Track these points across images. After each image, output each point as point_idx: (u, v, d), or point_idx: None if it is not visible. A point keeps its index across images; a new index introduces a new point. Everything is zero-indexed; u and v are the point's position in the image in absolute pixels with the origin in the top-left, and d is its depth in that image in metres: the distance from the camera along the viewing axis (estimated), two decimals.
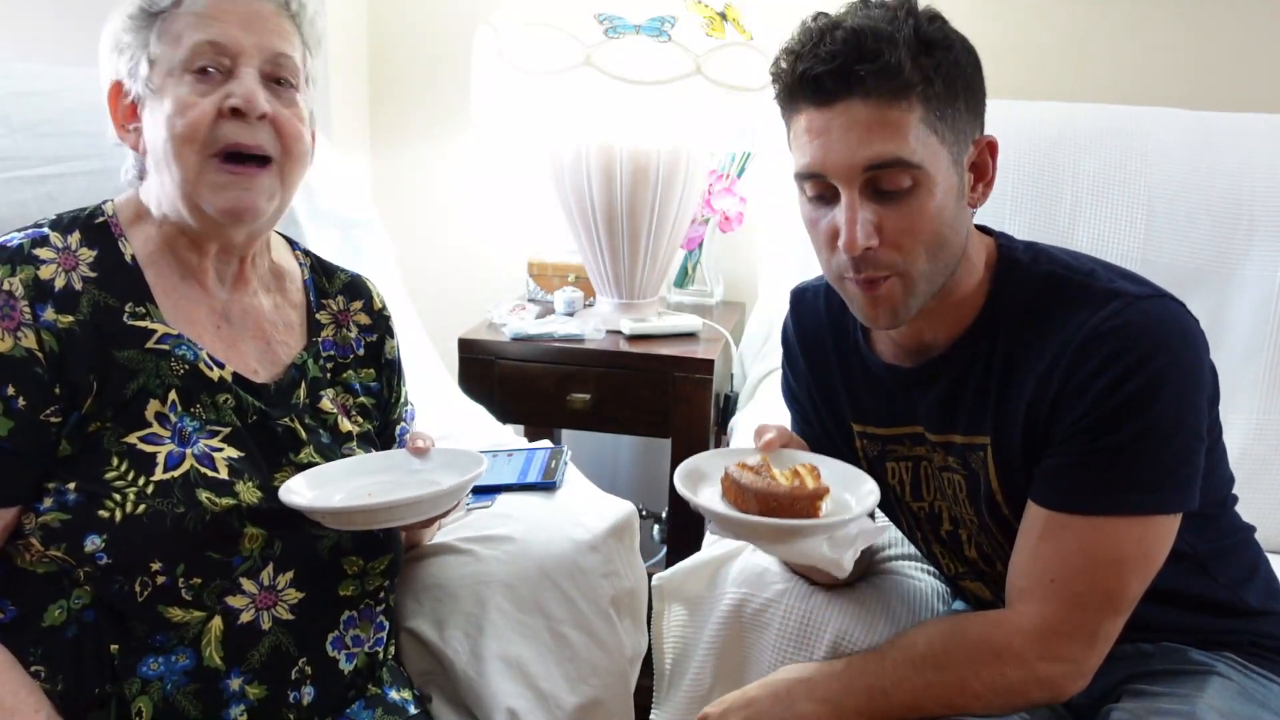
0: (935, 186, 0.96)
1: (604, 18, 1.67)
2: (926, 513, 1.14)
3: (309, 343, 1.12)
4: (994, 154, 1.03)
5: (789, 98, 0.99)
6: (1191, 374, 0.97)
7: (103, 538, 0.93)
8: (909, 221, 0.96)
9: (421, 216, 2.28)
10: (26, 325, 0.93)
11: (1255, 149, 1.65)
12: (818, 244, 1.02)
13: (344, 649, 1.04)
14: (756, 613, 1.17)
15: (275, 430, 1.04)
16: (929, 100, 0.94)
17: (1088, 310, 0.97)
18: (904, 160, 0.94)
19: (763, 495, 0.96)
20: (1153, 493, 0.96)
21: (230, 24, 0.97)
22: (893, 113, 0.93)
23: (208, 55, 0.96)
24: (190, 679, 0.96)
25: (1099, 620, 0.98)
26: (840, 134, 0.94)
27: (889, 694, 1.01)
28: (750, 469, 1.00)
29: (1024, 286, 1.03)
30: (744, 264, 2.18)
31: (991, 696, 0.99)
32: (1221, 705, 0.98)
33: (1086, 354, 0.96)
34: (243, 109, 0.96)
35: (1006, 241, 1.08)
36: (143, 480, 0.95)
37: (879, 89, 0.93)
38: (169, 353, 0.99)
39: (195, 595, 0.96)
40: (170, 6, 0.97)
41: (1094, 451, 0.96)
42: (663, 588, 1.29)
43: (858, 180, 0.95)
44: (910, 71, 0.93)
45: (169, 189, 0.99)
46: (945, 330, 1.06)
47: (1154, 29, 1.96)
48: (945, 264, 1.00)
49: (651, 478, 2.31)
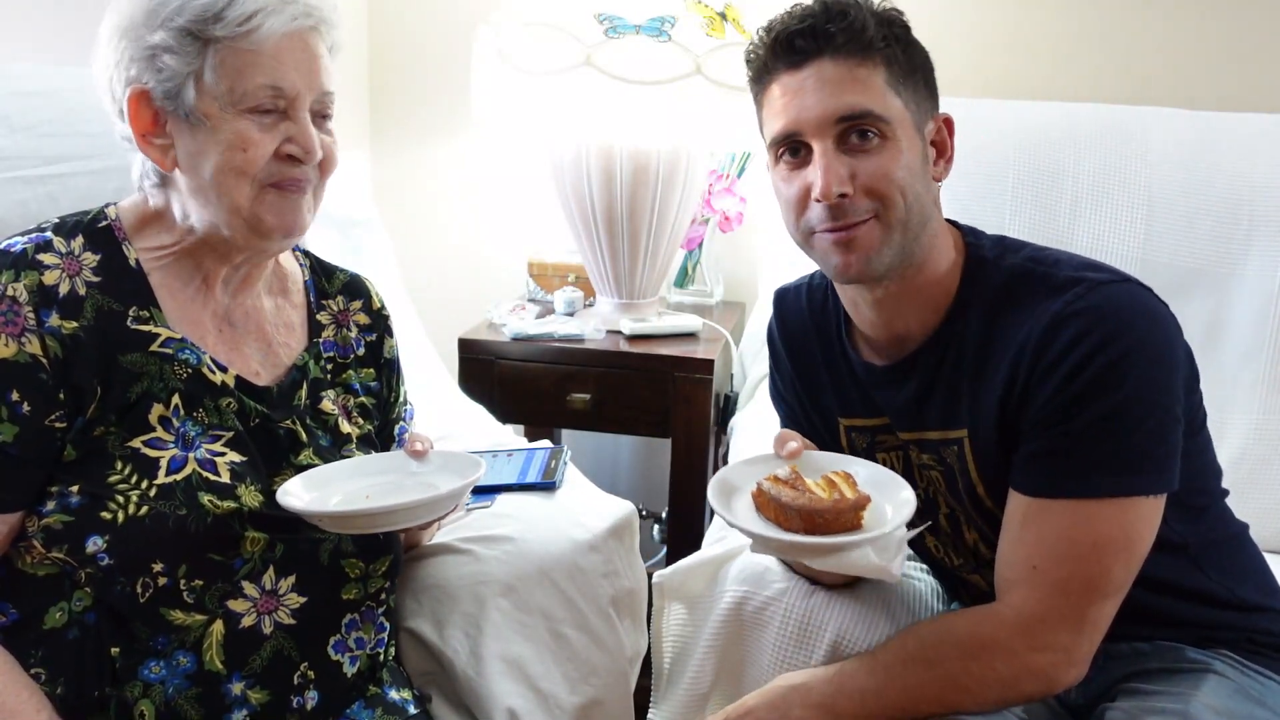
0: (901, 143, 1.01)
1: (604, 18, 1.67)
2: (923, 500, 1.13)
3: (310, 343, 1.12)
4: (951, 131, 1.08)
5: (764, 69, 1.05)
6: (1160, 354, 0.98)
7: (104, 539, 0.93)
8: (881, 168, 1.00)
9: (421, 216, 2.28)
10: (31, 331, 0.93)
11: (1255, 149, 1.65)
12: (788, 208, 1.05)
13: (347, 652, 1.05)
14: (757, 611, 1.17)
15: (277, 433, 1.04)
16: (891, 64, 1.01)
17: (1051, 298, 0.99)
18: (873, 113, 1.00)
19: (807, 513, 0.94)
20: (1128, 474, 0.97)
21: (289, 66, 0.97)
22: (861, 70, 1.00)
23: (269, 98, 0.96)
24: (192, 683, 0.96)
25: (1084, 606, 0.98)
26: (813, 90, 1.01)
27: (882, 694, 1.02)
28: (784, 483, 0.98)
29: (991, 280, 1.05)
30: (744, 264, 2.18)
31: (983, 691, 0.99)
32: (1217, 703, 0.98)
33: (1050, 338, 0.97)
34: (301, 158, 0.99)
35: (974, 237, 1.10)
36: (145, 483, 0.95)
37: (847, 46, 1.00)
38: (172, 356, 0.99)
39: (197, 598, 0.96)
40: (227, 38, 0.95)
41: (1065, 435, 0.97)
42: (663, 585, 1.29)
43: (831, 133, 1.00)
44: (874, 32, 1.00)
45: (215, 210, 0.98)
46: (916, 320, 1.07)
47: (1154, 29, 1.96)
48: (918, 221, 1.02)
49: (651, 478, 2.31)
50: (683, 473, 1.86)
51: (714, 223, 2.09)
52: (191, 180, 0.98)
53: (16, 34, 1.61)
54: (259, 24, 0.94)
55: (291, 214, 1.00)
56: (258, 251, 1.04)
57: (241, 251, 1.03)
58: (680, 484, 1.87)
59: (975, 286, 1.06)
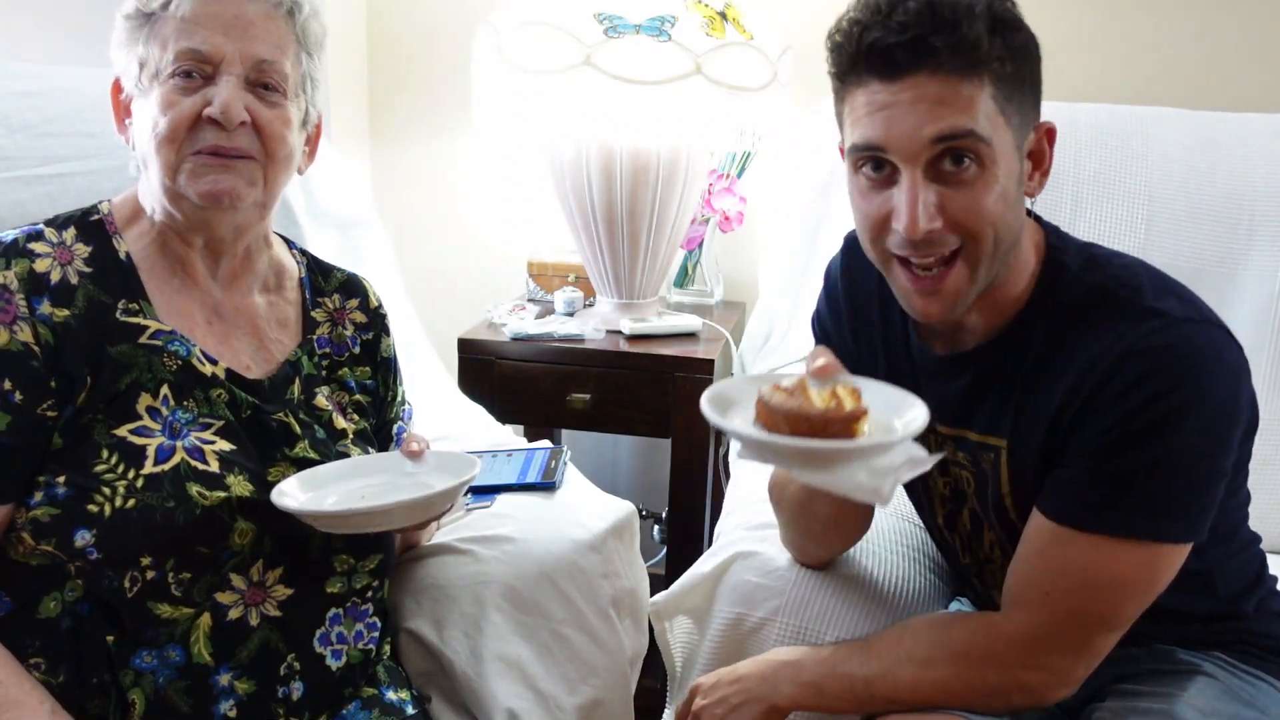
0: (999, 169, 0.92)
1: (604, 17, 1.67)
2: (953, 489, 1.10)
3: (304, 339, 1.12)
4: (1052, 141, 0.99)
5: (850, 68, 0.94)
6: (1222, 407, 0.94)
7: (92, 532, 0.93)
8: (973, 202, 0.91)
9: (421, 216, 2.28)
10: (22, 319, 0.93)
11: (1255, 149, 1.64)
12: (865, 225, 0.98)
13: (330, 646, 1.04)
14: (752, 631, 1.16)
15: (269, 425, 1.04)
16: (1000, 80, 0.91)
17: (1126, 325, 0.94)
18: (976, 134, 0.89)
19: (793, 416, 0.87)
20: (1162, 520, 0.94)
21: (213, 30, 0.97)
22: (965, 87, 0.89)
23: (189, 61, 0.97)
24: (181, 674, 0.96)
25: (1089, 636, 0.97)
26: (907, 107, 0.90)
27: (870, 684, 1.02)
28: (784, 391, 0.90)
29: (1068, 292, 0.99)
30: (744, 264, 2.18)
31: (970, 696, 0.99)
32: (1203, 704, 0.98)
33: (1117, 370, 0.93)
34: (219, 120, 0.97)
35: (1057, 240, 1.03)
36: (132, 473, 0.94)
37: (953, 63, 0.89)
38: (161, 348, 0.99)
39: (184, 591, 0.96)
40: (159, 9, 0.97)
41: (1108, 470, 0.94)
42: (659, 610, 1.28)
43: (923, 158, 0.90)
44: (987, 47, 0.89)
45: (153, 184, 1.00)
46: (984, 319, 1.02)
47: (1154, 29, 1.95)
48: (1005, 251, 0.96)
49: (651, 478, 2.31)
50: (683, 473, 1.86)
51: (714, 223, 2.09)
52: (139, 156, 1.01)
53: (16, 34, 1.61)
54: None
55: (222, 179, 0.98)
56: (205, 228, 1.02)
57: (194, 231, 1.02)
58: (680, 484, 1.87)
59: (1050, 296, 1.00)
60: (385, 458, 1.09)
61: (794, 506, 1.15)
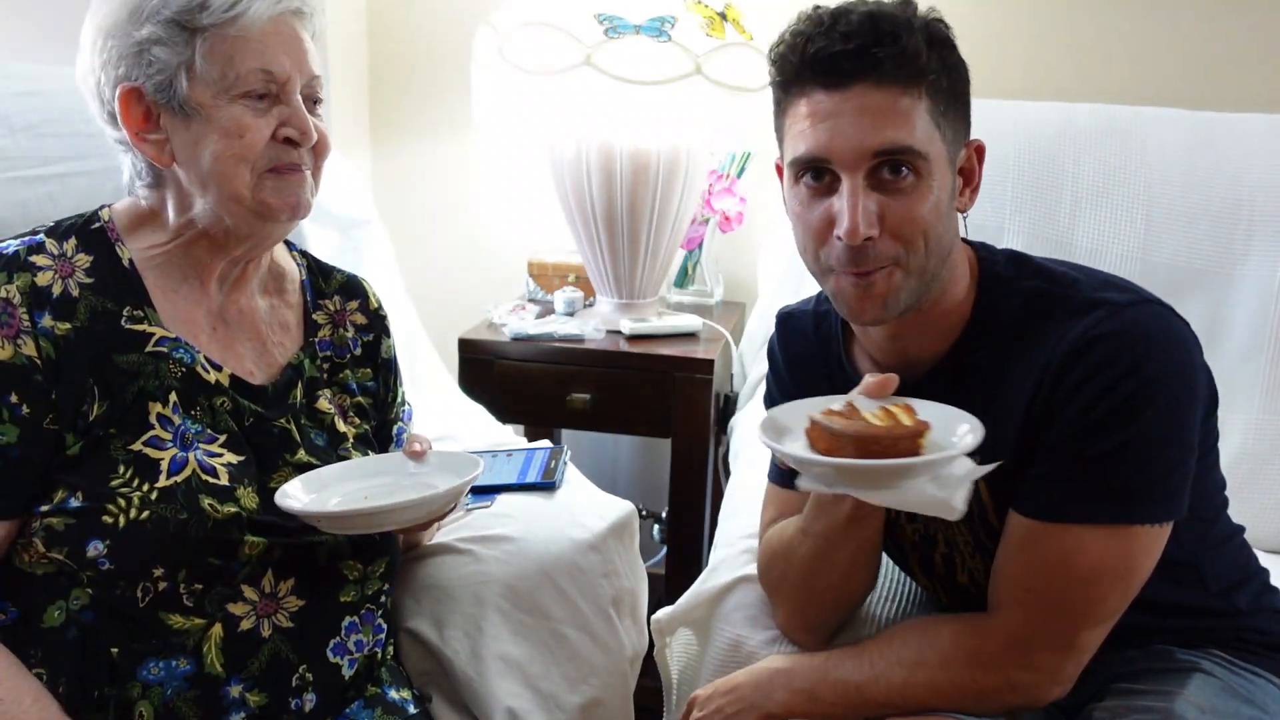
0: (933, 181, 0.95)
1: (604, 18, 1.67)
2: (921, 534, 1.12)
3: (305, 343, 1.12)
4: (981, 159, 1.02)
5: (794, 78, 0.96)
6: (1182, 382, 0.95)
7: (105, 543, 0.93)
8: (910, 211, 0.94)
9: (421, 216, 2.28)
10: (26, 333, 0.93)
11: (1255, 149, 1.64)
12: (806, 235, 1.00)
13: (346, 654, 1.04)
14: (752, 653, 1.16)
15: (271, 432, 1.04)
16: (936, 94, 0.94)
17: (1072, 321, 0.96)
18: (914, 149, 0.92)
19: (860, 439, 0.87)
20: (1136, 504, 0.95)
21: (278, 50, 0.97)
22: (905, 99, 0.92)
23: (261, 82, 0.97)
24: (190, 685, 0.96)
25: (1074, 631, 0.97)
26: (851, 119, 0.92)
27: (863, 689, 1.02)
28: (838, 414, 0.91)
29: (1008, 302, 1.01)
30: (744, 264, 2.18)
31: (963, 698, 0.99)
32: (1202, 701, 0.98)
33: (1072, 363, 0.94)
34: (298, 141, 0.99)
35: (987, 253, 1.05)
36: (146, 486, 0.95)
37: (895, 74, 0.92)
38: (167, 355, 0.99)
39: (196, 602, 0.96)
40: (214, 26, 0.95)
41: (1078, 460, 0.95)
42: (661, 626, 1.28)
43: (864, 167, 0.93)
44: (926, 59, 0.92)
45: (216, 198, 0.98)
46: (929, 344, 1.04)
47: (1154, 29, 1.96)
48: (938, 262, 0.98)
49: (651, 478, 2.31)
50: (683, 473, 1.86)
51: (714, 223, 2.09)
52: (190, 172, 0.98)
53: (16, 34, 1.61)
54: (244, 9, 0.95)
55: (293, 193, 1.01)
56: (262, 237, 1.04)
57: (243, 241, 1.03)
58: (680, 484, 1.87)
59: (991, 310, 1.02)
60: (388, 458, 1.10)
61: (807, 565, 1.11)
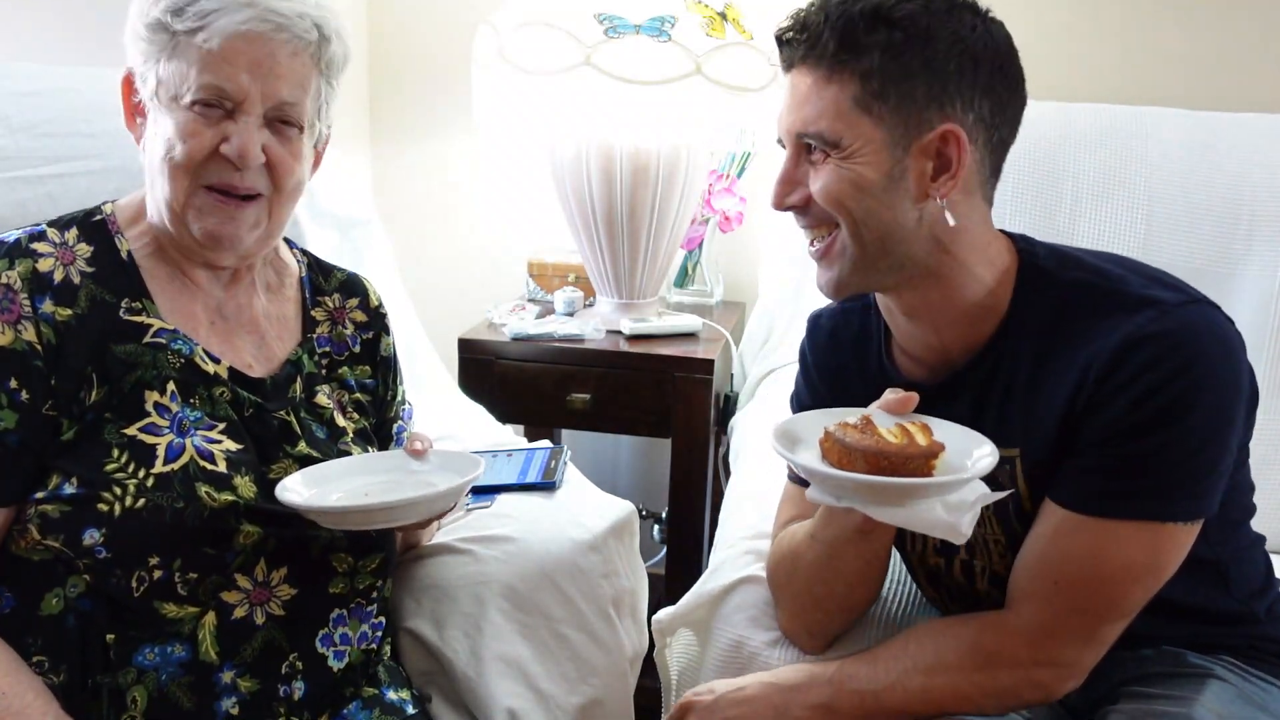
0: (858, 165, 0.97)
1: (604, 17, 1.67)
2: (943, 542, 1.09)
3: (304, 339, 1.12)
4: (959, 145, 0.96)
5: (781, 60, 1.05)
6: (1229, 384, 0.95)
7: (101, 532, 0.93)
8: (825, 188, 0.99)
9: (421, 216, 2.28)
10: (27, 318, 0.94)
11: (1255, 149, 1.64)
12: None
13: (332, 646, 1.05)
14: (753, 654, 1.15)
15: (271, 423, 1.04)
16: (869, 77, 0.95)
17: (1121, 317, 0.95)
18: (823, 136, 0.97)
19: (871, 454, 0.88)
20: (1172, 500, 0.95)
21: (239, 67, 0.95)
22: (827, 88, 0.97)
23: (212, 95, 0.96)
24: (185, 670, 0.96)
25: (1097, 625, 0.97)
26: (789, 99, 1.01)
27: (880, 697, 1.01)
28: (853, 428, 0.92)
29: (1049, 295, 1.01)
30: (744, 264, 2.18)
31: (983, 699, 0.99)
32: (1220, 708, 0.97)
33: (1121, 360, 0.93)
34: (235, 162, 0.97)
35: (1028, 246, 1.05)
36: (142, 473, 0.95)
37: (808, 60, 0.98)
38: (165, 346, 1.00)
39: (190, 591, 0.96)
40: (184, 33, 0.95)
41: (1120, 457, 0.94)
42: (662, 626, 1.27)
43: (795, 144, 1.01)
44: (839, 50, 0.96)
45: (159, 201, 1.00)
46: (961, 339, 1.04)
47: (1154, 29, 1.96)
48: (875, 244, 0.99)
49: (651, 478, 2.31)
50: (683, 473, 1.86)
51: (714, 223, 2.09)
52: (147, 165, 1.01)
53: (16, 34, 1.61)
54: (211, 22, 0.95)
55: (225, 225, 0.99)
56: (202, 259, 1.03)
57: (196, 257, 1.03)
58: (680, 484, 1.87)
59: (1031, 301, 1.01)
60: (389, 456, 1.10)
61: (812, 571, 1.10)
